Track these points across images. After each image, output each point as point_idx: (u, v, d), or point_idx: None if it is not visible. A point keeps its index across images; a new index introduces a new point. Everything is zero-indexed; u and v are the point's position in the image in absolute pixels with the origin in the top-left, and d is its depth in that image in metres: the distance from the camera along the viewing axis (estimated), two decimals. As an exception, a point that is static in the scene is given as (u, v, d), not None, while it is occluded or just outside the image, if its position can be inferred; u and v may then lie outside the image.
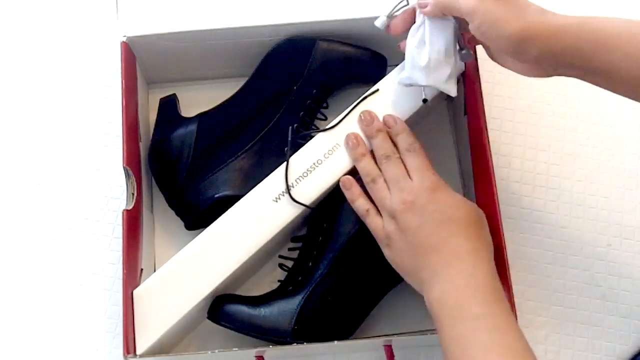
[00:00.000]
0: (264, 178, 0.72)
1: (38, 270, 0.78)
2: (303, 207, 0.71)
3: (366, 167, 0.69)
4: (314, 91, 0.77)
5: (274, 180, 0.71)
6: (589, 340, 0.77)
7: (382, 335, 0.74)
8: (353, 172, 0.73)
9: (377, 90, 0.74)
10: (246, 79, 0.79)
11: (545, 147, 0.84)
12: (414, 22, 0.68)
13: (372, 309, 0.73)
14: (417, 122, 0.81)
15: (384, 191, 0.67)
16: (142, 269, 0.72)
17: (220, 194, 0.74)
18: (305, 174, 0.72)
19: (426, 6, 0.66)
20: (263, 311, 0.70)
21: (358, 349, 0.76)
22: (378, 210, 0.67)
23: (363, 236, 0.71)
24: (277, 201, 0.71)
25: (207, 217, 0.73)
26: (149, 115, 0.82)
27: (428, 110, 0.77)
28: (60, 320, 0.76)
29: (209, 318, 0.71)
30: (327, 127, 0.74)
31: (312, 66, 0.77)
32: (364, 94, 0.74)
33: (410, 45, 0.69)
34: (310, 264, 0.71)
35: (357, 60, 0.78)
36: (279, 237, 0.72)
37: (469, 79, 0.75)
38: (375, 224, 0.67)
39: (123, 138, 0.71)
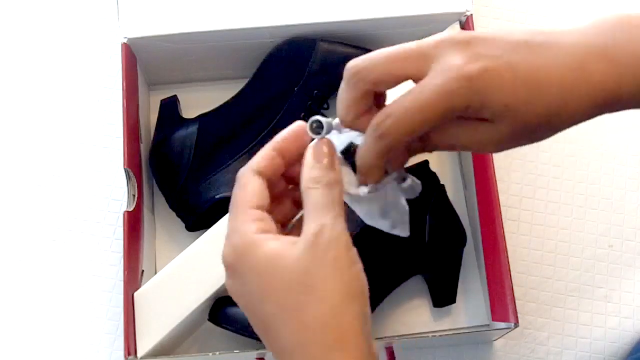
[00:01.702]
0: (264, 179, 0.72)
1: (38, 272, 0.78)
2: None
3: None
4: (315, 92, 0.77)
5: (275, 181, 0.71)
6: (591, 342, 0.77)
7: (383, 337, 0.74)
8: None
9: (378, 91, 0.74)
10: (247, 80, 0.79)
11: (547, 149, 0.84)
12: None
13: (373, 311, 0.73)
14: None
15: None
16: (142, 271, 0.72)
17: (221, 195, 0.74)
18: (306, 176, 0.71)
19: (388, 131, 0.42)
20: (264, 313, 0.69)
21: (359, 350, 0.75)
22: None
23: (364, 238, 0.71)
24: (278, 203, 0.71)
25: (208, 218, 0.73)
26: (150, 116, 0.82)
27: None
28: (61, 322, 0.76)
29: (210, 320, 0.71)
30: (328, 128, 0.74)
31: (313, 67, 0.77)
32: (365, 95, 0.75)
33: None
34: (311, 265, 0.71)
35: (358, 62, 0.78)
36: (280, 239, 0.72)
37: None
38: None
39: (124, 139, 0.71)
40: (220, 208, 0.72)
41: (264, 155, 0.46)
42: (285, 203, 0.48)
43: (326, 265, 0.41)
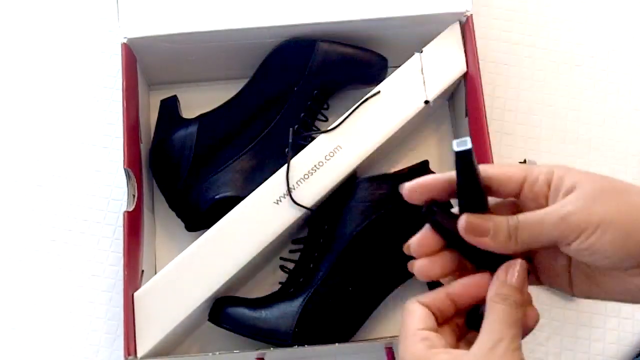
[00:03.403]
0: (264, 179, 0.72)
1: (38, 272, 0.78)
2: (304, 209, 0.71)
3: None
4: (315, 92, 0.77)
5: (275, 182, 0.71)
6: (591, 342, 0.77)
7: (384, 338, 0.74)
8: (354, 175, 0.73)
9: (379, 92, 0.74)
10: (247, 80, 0.79)
11: (547, 149, 0.84)
12: None
13: (374, 311, 0.73)
14: (419, 124, 0.81)
15: None
16: (142, 271, 0.72)
17: (221, 195, 0.74)
18: (306, 176, 0.71)
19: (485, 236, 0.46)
20: (264, 313, 0.69)
21: (359, 351, 0.76)
22: None
23: (364, 238, 0.71)
24: (278, 203, 0.71)
25: (208, 218, 0.73)
26: (150, 116, 0.82)
27: (429, 111, 0.77)
28: (61, 322, 0.76)
29: (210, 320, 0.71)
30: (328, 128, 0.74)
31: (313, 67, 0.77)
32: (364, 94, 0.75)
33: None
34: (311, 265, 0.71)
35: (358, 61, 0.78)
36: (280, 239, 0.72)
37: (470, 80, 0.75)
38: None
39: (124, 139, 0.71)
40: (220, 208, 0.72)
41: (435, 296, 0.48)
42: (445, 329, 0.49)
43: None
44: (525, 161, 0.76)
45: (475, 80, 0.74)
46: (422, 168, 0.74)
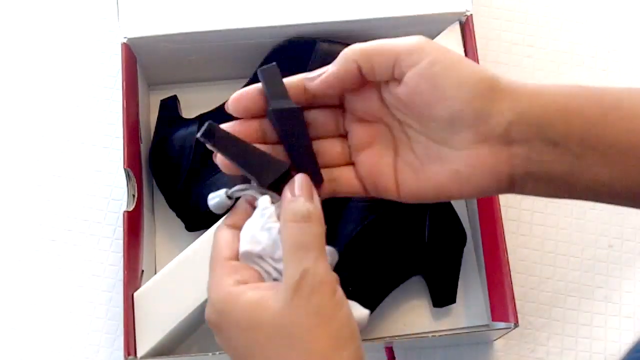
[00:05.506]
0: (264, 179, 0.72)
1: (38, 272, 0.78)
2: (304, 209, 0.71)
3: None
4: (315, 92, 0.77)
5: (275, 181, 0.71)
6: (591, 342, 0.77)
7: (384, 338, 0.74)
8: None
9: (378, 91, 0.74)
10: (247, 80, 0.79)
11: (547, 149, 0.84)
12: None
13: (373, 311, 0.73)
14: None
15: None
16: (142, 271, 0.72)
17: (221, 196, 0.74)
18: (306, 176, 0.71)
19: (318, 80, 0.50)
20: (264, 313, 0.69)
21: (359, 350, 0.75)
22: None
23: (364, 237, 0.71)
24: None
25: (208, 218, 0.73)
26: (150, 116, 0.82)
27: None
28: (61, 322, 0.76)
29: (210, 320, 0.71)
30: (328, 128, 0.74)
31: (313, 67, 0.76)
32: (365, 95, 0.75)
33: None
34: (311, 265, 0.71)
35: (358, 62, 0.78)
36: (280, 239, 0.72)
37: (470, 80, 0.75)
38: None
39: (124, 139, 0.71)
40: (220, 208, 0.72)
41: (237, 209, 0.46)
42: None
43: (310, 315, 0.38)
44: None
45: (475, 80, 0.74)
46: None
